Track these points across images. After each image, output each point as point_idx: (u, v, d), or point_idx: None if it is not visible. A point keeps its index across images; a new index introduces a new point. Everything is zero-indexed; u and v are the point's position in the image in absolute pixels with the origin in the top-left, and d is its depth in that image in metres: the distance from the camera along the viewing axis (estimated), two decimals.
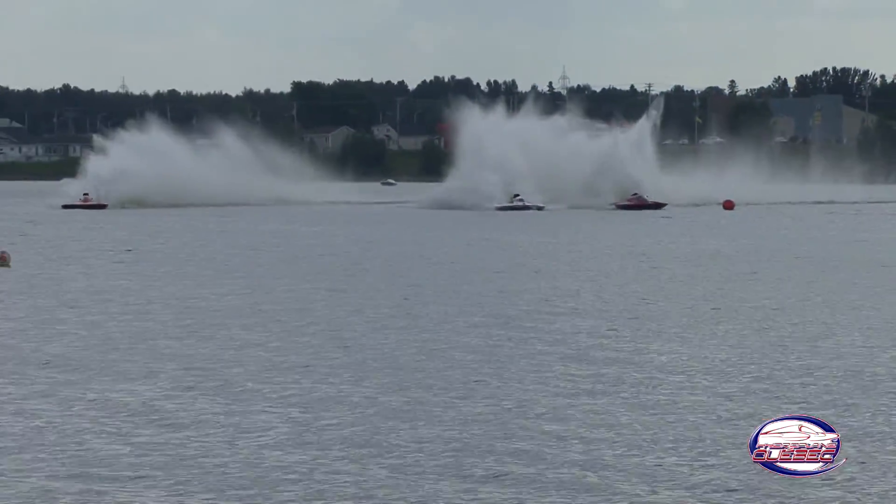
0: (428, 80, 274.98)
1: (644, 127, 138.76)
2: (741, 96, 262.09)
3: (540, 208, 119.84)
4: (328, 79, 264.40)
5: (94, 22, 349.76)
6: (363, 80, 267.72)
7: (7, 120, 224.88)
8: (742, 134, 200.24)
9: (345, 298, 43.99)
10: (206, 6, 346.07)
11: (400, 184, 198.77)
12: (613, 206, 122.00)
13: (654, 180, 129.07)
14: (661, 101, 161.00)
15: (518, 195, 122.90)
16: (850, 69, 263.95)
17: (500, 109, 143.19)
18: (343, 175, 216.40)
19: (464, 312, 39.50)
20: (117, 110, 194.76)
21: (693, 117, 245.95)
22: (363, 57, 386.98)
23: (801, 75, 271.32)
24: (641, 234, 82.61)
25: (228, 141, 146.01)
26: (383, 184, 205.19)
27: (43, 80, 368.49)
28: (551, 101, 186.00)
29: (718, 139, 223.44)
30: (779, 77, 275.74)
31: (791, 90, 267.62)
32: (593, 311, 39.22)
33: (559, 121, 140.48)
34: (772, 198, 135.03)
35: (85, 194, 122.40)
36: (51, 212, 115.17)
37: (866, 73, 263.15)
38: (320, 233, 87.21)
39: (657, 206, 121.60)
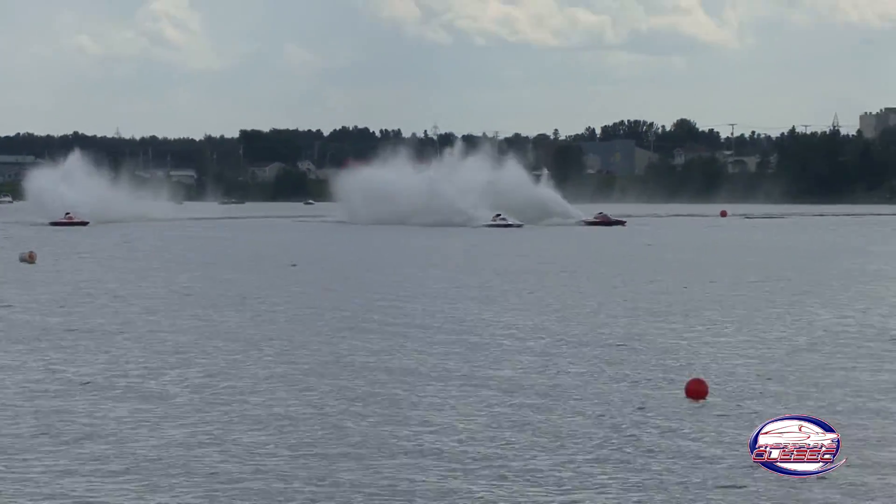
0: (337, 129, 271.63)
1: (514, 166, 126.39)
2: (562, 140, 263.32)
3: (519, 226, 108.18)
4: (266, 127, 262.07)
5: (97, 84, 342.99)
6: (291, 128, 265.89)
7: (32, 157, 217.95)
8: (563, 168, 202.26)
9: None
10: (178, 74, 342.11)
11: (317, 203, 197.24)
12: (583, 223, 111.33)
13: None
14: (529, 148, 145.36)
15: (500, 214, 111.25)
16: (640, 121, 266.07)
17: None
18: (277, 197, 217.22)
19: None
20: (113, 151, 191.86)
21: (527, 155, 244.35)
22: (291, 111, 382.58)
23: (605, 125, 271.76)
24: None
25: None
26: (305, 203, 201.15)
27: (59, 127, 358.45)
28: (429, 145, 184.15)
29: (546, 171, 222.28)
30: (589, 126, 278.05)
31: (598, 136, 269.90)
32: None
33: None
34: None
35: (67, 213, 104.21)
36: (42, 228, 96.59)
37: (651, 123, 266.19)
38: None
39: (619, 223, 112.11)
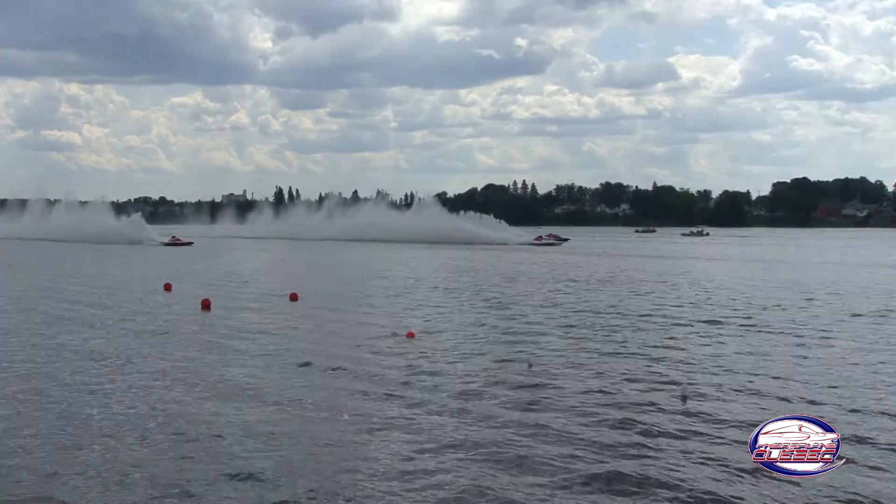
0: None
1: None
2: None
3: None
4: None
5: None
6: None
7: None
8: None
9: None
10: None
11: None
12: (534, 242, 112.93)
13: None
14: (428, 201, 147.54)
15: (541, 236, 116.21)
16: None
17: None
18: None
19: None
20: None
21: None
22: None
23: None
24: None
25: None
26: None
27: None
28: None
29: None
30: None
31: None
32: None
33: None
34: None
35: (173, 236, 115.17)
36: (158, 247, 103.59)
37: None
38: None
39: (564, 240, 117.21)
